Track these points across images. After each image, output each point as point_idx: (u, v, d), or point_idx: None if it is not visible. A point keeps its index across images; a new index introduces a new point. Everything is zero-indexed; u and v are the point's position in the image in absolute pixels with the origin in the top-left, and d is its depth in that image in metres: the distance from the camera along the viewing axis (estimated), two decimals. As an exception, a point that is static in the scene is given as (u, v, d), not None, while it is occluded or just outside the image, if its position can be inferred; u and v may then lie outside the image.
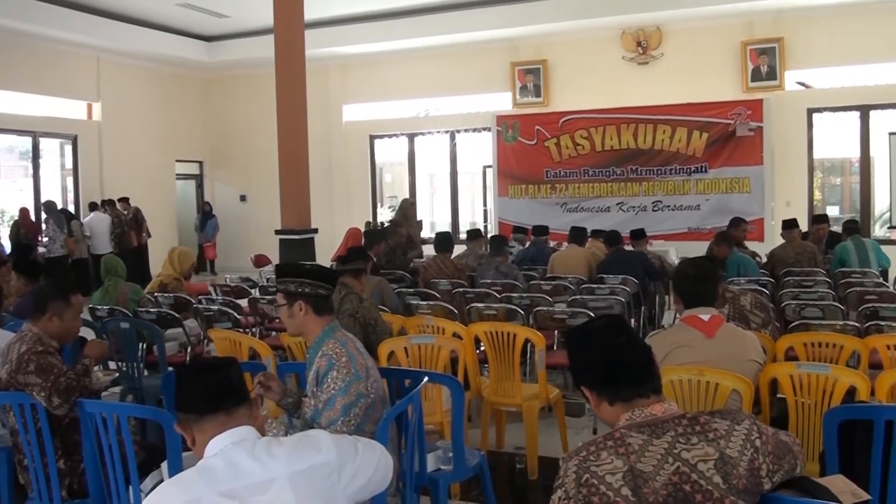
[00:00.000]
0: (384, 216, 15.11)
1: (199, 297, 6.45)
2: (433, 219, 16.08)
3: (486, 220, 14.38)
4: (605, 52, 12.75)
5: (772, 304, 5.06)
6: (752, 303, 4.00)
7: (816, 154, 12.19)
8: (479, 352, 4.99)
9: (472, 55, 13.58)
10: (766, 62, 11.80)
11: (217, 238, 15.62)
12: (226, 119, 16.07)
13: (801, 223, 8.44)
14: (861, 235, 7.91)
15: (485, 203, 14.68)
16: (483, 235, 8.93)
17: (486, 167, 13.48)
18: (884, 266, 7.66)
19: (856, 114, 11.77)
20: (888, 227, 12.37)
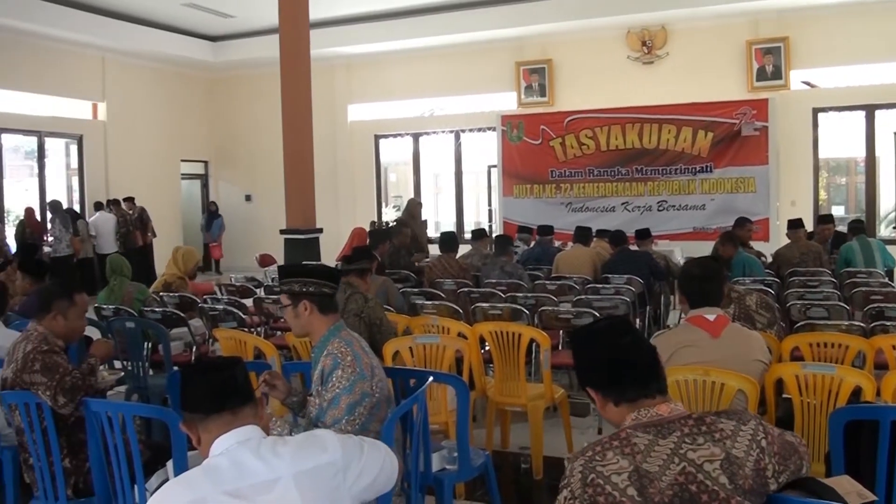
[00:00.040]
0: (389, 216, 15.09)
1: (205, 297, 6.46)
2: (438, 218, 16.06)
3: (491, 220, 14.36)
4: (610, 52, 12.73)
5: (777, 304, 5.06)
6: (758, 303, 4.00)
7: (822, 154, 12.16)
8: (484, 352, 4.99)
9: (477, 55, 13.58)
10: (772, 62, 11.77)
11: (223, 238, 15.65)
12: (231, 119, 16.08)
13: (807, 223, 8.42)
14: (866, 235, 7.89)
15: (490, 203, 14.65)
16: (488, 235, 8.92)
17: (491, 167, 13.47)
18: (889, 266, 7.64)
19: (861, 113, 11.73)
20: (893, 227, 12.35)
